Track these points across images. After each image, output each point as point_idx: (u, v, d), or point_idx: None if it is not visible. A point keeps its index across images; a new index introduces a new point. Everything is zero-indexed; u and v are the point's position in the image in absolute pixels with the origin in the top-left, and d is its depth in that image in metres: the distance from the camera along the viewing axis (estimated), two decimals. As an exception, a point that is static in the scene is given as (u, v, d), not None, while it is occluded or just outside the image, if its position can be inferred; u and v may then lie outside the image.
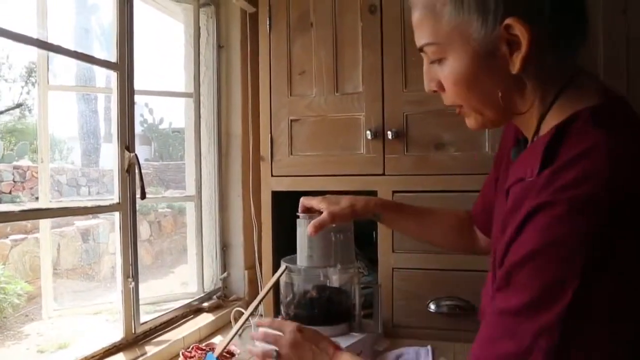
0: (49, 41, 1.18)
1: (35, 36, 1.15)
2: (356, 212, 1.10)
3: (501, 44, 0.65)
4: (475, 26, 0.66)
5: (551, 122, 0.67)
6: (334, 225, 1.17)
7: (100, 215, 4.71)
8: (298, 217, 1.16)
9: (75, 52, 1.21)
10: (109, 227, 4.62)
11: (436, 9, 0.69)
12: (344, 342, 1.11)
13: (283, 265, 1.19)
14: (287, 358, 0.97)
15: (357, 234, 1.27)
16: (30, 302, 3.61)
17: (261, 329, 1.07)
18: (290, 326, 1.00)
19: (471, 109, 0.74)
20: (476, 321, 1.37)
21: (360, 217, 1.12)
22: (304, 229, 1.16)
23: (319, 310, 1.17)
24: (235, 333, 1.19)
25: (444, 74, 0.72)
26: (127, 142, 1.30)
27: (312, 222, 1.07)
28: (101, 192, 6.65)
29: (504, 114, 0.73)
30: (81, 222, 4.48)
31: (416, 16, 0.72)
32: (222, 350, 1.19)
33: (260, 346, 1.04)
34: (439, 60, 0.71)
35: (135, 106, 1.37)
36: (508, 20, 0.63)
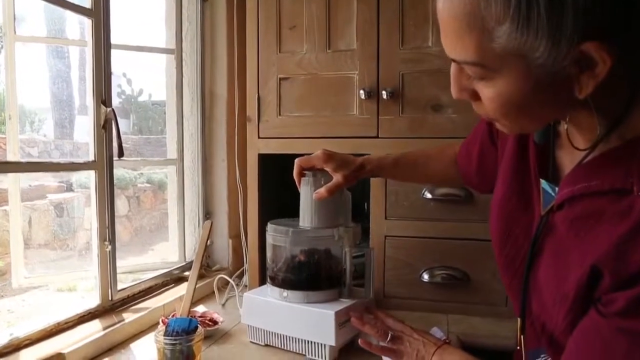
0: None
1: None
2: (362, 174, 1.13)
3: (569, 66, 0.56)
4: (542, 51, 0.55)
5: (626, 131, 0.62)
6: None
7: (75, 188, 4.68)
8: (304, 175, 1.17)
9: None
10: (84, 201, 4.59)
11: (486, 25, 0.56)
12: (332, 308, 1.12)
13: (208, 222, 1.21)
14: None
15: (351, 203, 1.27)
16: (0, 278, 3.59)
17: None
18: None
19: (512, 123, 0.67)
20: (471, 292, 1.40)
21: (362, 178, 1.15)
22: (308, 187, 1.16)
23: (308, 274, 1.18)
24: (193, 292, 1.20)
25: (487, 94, 0.63)
26: (103, 96, 1.29)
27: (327, 186, 1.10)
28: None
29: (550, 124, 0.69)
30: (54, 195, 4.45)
31: (450, 23, 0.60)
32: (187, 312, 1.20)
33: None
34: (482, 77, 0.62)
35: (113, 76, 1.35)
36: (586, 45, 0.54)
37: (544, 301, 0.70)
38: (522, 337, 0.78)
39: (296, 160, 1.16)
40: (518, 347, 0.80)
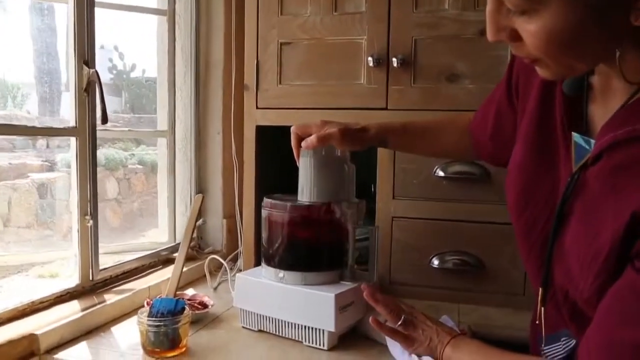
0: None
1: None
2: (365, 138, 1.10)
3: None
4: None
5: None
6: (338, 154, 1.17)
7: (60, 168, 4.66)
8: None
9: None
10: (70, 182, 4.56)
11: None
12: (333, 290, 1.10)
13: (199, 195, 1.21)
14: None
15: (357, 184, 1.26)
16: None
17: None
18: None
19: (557, 63, 0.65)
20: (485, 280, 1.38)
21: (367, 145, 1.12)
22: (308, 158, 1.15)
23: (307, 254, 1.16)
24: (180, 271, 1.19)
25: (531, 30, 0.61)
26: (85, 56, 1.27)
27: (317, 134, 1.06)
28: (62, 146, 6.56)
29: (597, 64, 0.67)
30: (37, 175, 4.43)
31: None
32: (174, 292, 1.19)
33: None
34: (524, 11, 0.61)
35: (103, 50, 1.34)
36: None
37: (569, 268, 0.69)
38: (542, 309, 0.76)
39: (292, 128, 1.14)
40: (537, 322, 0.78)
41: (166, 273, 1.51)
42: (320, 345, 1.11)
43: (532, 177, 0.80)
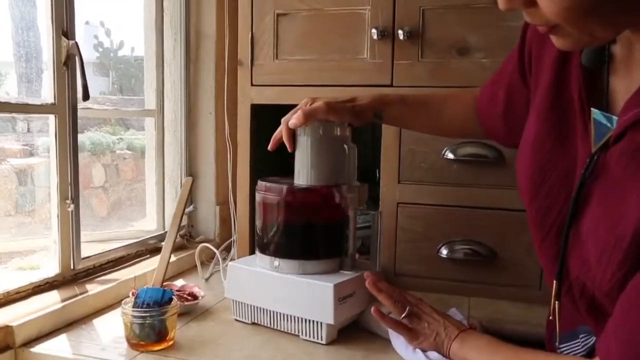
0: None
1: None
2: (356, 108, 1.10)
3: None
4: None
5: None
6: (338, 133, 1.16)
7: (41, 153, 4.68)
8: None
9: None
10: (49, 164, 4.55)
11: None
12: (331, 280, 1.10)
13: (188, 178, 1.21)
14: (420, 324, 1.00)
15: (359, 169, 1.26)
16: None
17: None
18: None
19: (578, 30, 0.62)
20: (498, 271, 1.38)
21: (360, 116, 1.12)
22: (305, 138, 1.15)
23: (304, 241, 1.16)
24: (168, 259, 1.19)
25: None
26: (64, 26, 1.26)
27: (302, 109, 1.07)
28: (43, 130, 6.54)
29: (622, 31, 0.66)
30: (16, 160, 4.44)
31: None
32: (161, 282, 1.19)
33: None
34: None
35: (88, 26, 1.33)
36: None
37: (586, 257, 0.68)
38: (557, 303, 0.76)
39: (282, 120, 1.14)
40: (551, 317, 0.78)
41: (153, 262, 1.51)
42: (318, 339, 1.11)
43: (547, 157, 0.79)
